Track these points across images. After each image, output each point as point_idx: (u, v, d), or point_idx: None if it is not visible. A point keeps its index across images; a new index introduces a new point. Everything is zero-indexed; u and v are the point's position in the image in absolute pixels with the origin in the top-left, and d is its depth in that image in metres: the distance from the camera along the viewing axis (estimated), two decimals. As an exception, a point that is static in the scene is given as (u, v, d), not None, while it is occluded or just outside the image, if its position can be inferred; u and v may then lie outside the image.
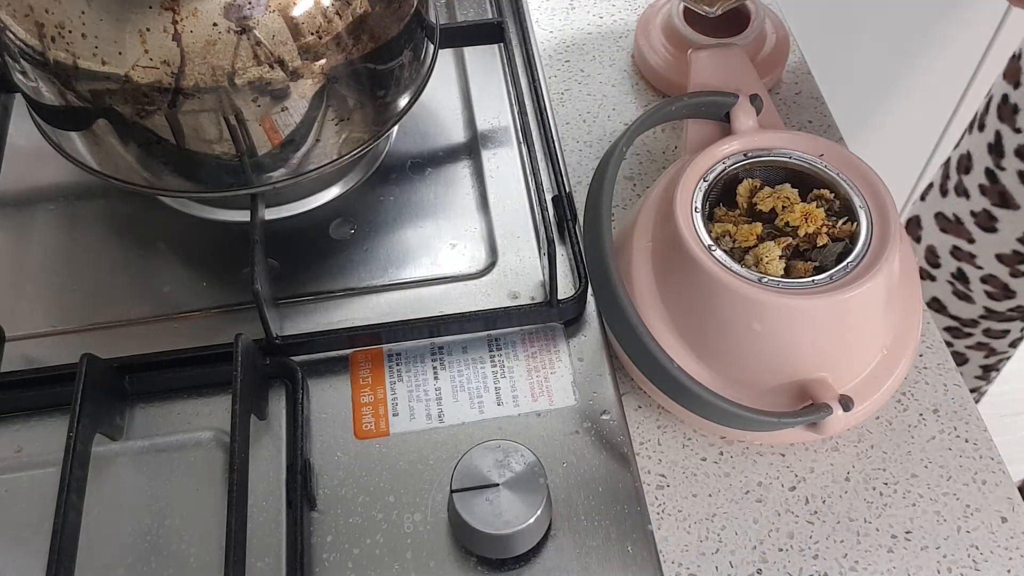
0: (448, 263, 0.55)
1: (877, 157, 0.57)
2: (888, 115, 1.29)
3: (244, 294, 0.50)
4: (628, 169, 0.62)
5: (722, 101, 0.50)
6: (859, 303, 0.44)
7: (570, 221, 0.54)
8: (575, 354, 0.51)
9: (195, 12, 0.42)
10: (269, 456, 0.47)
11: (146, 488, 0.47)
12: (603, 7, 0.72)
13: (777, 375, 0.45)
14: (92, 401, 0.45)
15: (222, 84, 0.44)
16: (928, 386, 0.52)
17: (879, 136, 1.31)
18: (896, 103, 1.28)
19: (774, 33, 0.66)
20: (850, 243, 0.45)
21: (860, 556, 0.46)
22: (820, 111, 0.66)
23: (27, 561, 0.44)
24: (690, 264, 0.44)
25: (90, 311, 0.53)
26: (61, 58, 0.44)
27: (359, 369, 0.51)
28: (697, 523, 0.47)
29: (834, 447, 0.50)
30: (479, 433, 0.48)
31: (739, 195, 0.48)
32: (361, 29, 0.47)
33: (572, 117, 0.65)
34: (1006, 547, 0.46)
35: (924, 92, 1.26)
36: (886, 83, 1.25)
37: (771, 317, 0.44)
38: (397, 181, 0.59)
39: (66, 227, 0.57)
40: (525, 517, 0.41)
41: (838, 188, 0.47)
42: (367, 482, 0.47)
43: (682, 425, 0.50)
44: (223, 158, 0.48)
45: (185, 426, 0.49)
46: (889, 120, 1.30)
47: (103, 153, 0.49)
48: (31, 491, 0.46)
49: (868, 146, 1.31)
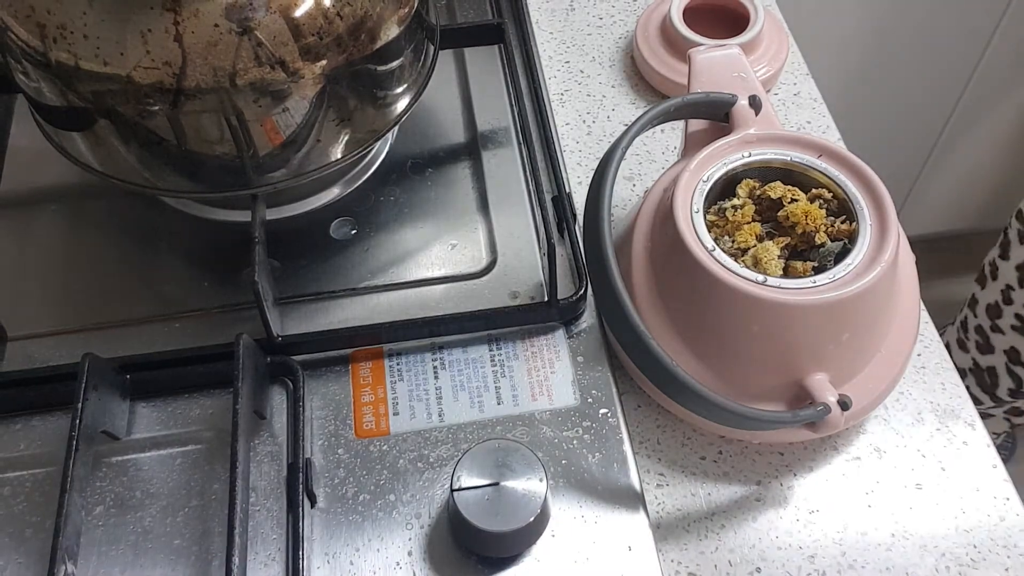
0: (448, 263, 0.55)
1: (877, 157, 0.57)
2: (888, 115, 1.29)
3: (245, 294, 0.50)
4: (628, 169, 0.62)
5: (721, 101, 0.50)
6: (858, 303, 0.44)
7: (570, 221, 0.54)
8: (575, 354, 0.52)
9: (196, 13, 0.43)
10: (270, 455, 0.48)
11: (147, 487, 0.47)
12: (603, 8, 0.73)
13: (776, 375, 0.46)
14: (93, 400, 0.46)
15: (223, 85, 0.44)
16: (926, 385, 0.52)
17: (879, 136, 1.31)
18: (896, 103, 1.28)
19: (773, 34, 0.66)
20: (849, 243, 0.46)
21: (858, 555, 0.46)
22: (819, 111, 0.66)
23: (28, 560, 0.44)
24: (691, 265, 0.44)
25: (92, 311, 0.54)
26: (63, 59, 0.44)
27: (359, 368, 0.51)
28: (696, 522, 0.47)
29: (833, 446, 0.50)
30: (479, 432, 0.49)
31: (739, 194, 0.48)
32: (361, 30, 0.47)
33: (572, 117, 0.65)
34: (1004, 546, 0.47)
35: (923, 92, 1.27)
36: (885, 83, 1.25)
37: (772, 317, 0.44)
38: (397, 181, 0.59)
39: (68, 227, 0.58)
40: (525, 517, 0.41)
41: (837, 188, 0.47)
42: (367, 481, 0.47)
43: (681, 424, 0.51)
44: (224, 158, 0.48)
45: (186, 425, 0.49)
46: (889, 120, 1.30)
47: (105, 153, 0.49)
48: (32, 490, 0.47)
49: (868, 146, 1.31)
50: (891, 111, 1.29)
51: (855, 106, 1.26)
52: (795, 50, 0.69)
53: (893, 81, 1.25)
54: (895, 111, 1.29)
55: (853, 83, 1.23)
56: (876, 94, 1.26)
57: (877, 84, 1.25)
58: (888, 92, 1.27)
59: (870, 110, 1.28)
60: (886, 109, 1.29)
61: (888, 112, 1.29)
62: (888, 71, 1.23)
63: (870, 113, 1.28)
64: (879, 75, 1.23)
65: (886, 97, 1.27)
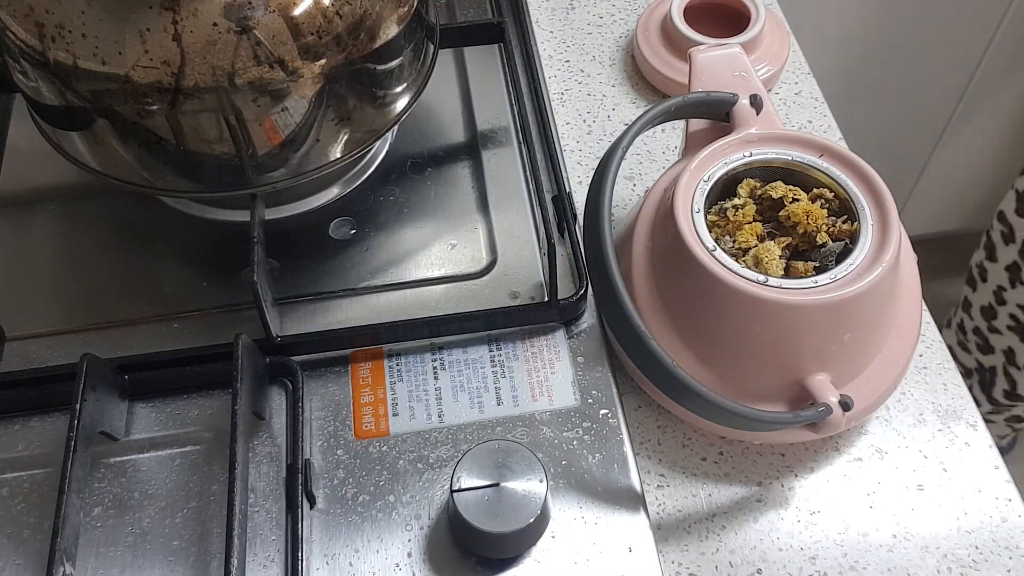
0: (448, 263, 0.55)
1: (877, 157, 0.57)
2: (889, 115, 1.29)
3: (244, 294, 0.50)
4: (628, 169, 0.62)
5: (722, 100, 0.50)
6: (860, 303, 0.44)
7: (570, 221, 0.54)
8: (575, 354, 0.51)
9: (195, 12, 0.42)
10: (269, 456, 0.47)
11: (146, 488, 0.47)
12: (603, 7, 0.72)
13: (777, 375, 0.45)
14: (92, 401, 0.46)
15: (222, 84, 0.44)
16: (928, 385, 0.52)
17: (880, 136, 1.31)
18: (897, 103, 1.28)
19: (774, 33, 0.66)
20: (850, 243, 0.45)
21: (860, 556, 0.46)
22: (820, 111, 0.66)
23: (26, 561, 0.44)
24: (691, 265, 0.44)
25: (90, 311, 0.53)
26: (61, 58, 0.44)
27: (359, 369, 0.51)
28: (697, 523, 0.47)
29: (834, 447, 0.50)
30: (479, 433, 0.48)
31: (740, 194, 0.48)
32: (361, 29, 0.47)
33: (572, 117, 0.65)
34: (1006, 547, 0.46)
35: (924, 91, 1.26)
36: (887, 82, 1.25)
37: (773, 318, 0.44)
38: (397, 181, 0.59)
39: (66, 227, 0.57)
40: (525, 517, 0.41)
41: (838, 188, 0.47)
42: (367, 482, 0.47)
43: (682, 425, 0.50)
44: (223, 158, 0.48)
45: (185, 426, 0.49)
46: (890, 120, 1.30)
47: (103, 153, 0.49)
48: (30, 491, 0.47)
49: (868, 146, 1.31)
50: (893, 110, 1.29)
51: (856, 105, 1.26)
52: (796, 49, 0.69)
53: (895, 80, 1.25)
54: (897, 110, 1.29)
55: (854, 82, 1.23)
56: (877, 93, 1.26)
57: (878, 83, 1.25)
58: (890, 91, 1.26)
59: (872, 109, 1.28)
60: (888, 108, 1.29)
61: (890, 111, 1.29)
62: (890, 70, 1.23)
63: (872, 112, 1.28)
64: (880, 74, 1.23)
65: (888, 96, 1.27)
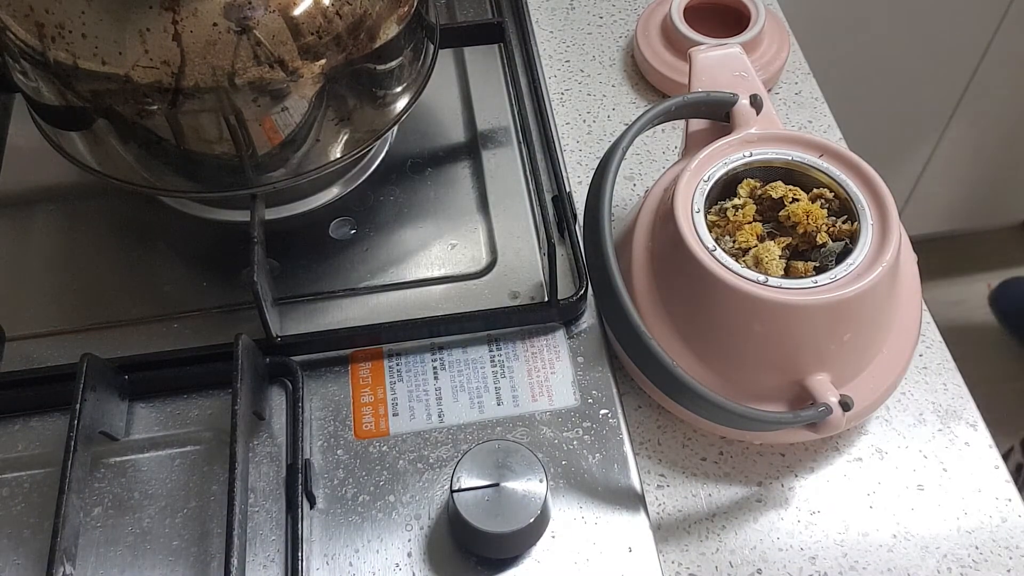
0: (448, 263, 0.55)
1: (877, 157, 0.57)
2: (889, 115, 1.29)
3: (244, 294, 0.50)
4: (628, 169, 0.62)
5: (722, 101, 0.50)
6: (860, 303, 0.44)
7: (570, 221, 0.54)
8: (575, 354, 0.51)
9: (195, 12, 0.42)
10: (269, 456, 0.47)
11: (146, 488, 0.47)
12: (603, 7, 0.72)
13: (777, 375, 0.45)
14: (92, 401, 0.46)
15: (222, 84, 0.44)
16: (928, 385, 0.52)
17: (880, 136, 1.31)
18: (897, 102, 1.28)
19: (774, 33, 0.66)
20: (850, 243, 0.45)
21: (860, 556, 0.46)
22: (820, 111, 0.66)
23: (26, 562, 0.44)
24: (692, 265, 0.44)
25: (90, 311, 0.53)
26: (61, 58, 0.44)
27: (359, 369, 0.51)
28: (697, 523, 0.47)
29: (834, 447, 0.50)
30: (479, 433, 0.48)
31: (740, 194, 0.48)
32: (361, 29, 0.47)
33: (572, 116, 0.65)
34: (1006, 547, 0.46)
35: (925, 91, 1.26)
36: (887, 82, 1.25)
37: (773, 317, 0.44)
38: (397, 181, 0.59)
39: (66, 227, 0.57)
40: (525, 517, 0.41)
41: (838, 188, 0.47)
42: (367, 482, 0.47)
43: (682, 425, 0.50)
44: (223, 158, 0.48)
45: (185, 426, 0.49)
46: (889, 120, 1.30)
47: (103, 153, 0.49)
48: (31, 491, 0.47)
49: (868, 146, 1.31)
50: (893, 110, 1.29)
51: (857, 105, 1.25)
52: (796, 49, 0.69)
53: (895, 80, 1.25)
54: (897, 110, 1.29)
55: (855, 82, 1.23)
56: (878, 93, 1.26)
57: (879, 83, 1.25)
58: (890, 91, 1.26)
59: (872, 109, 1.28)
60: (888, 108, 1.29)
61: (890, 111, 1.29)
62: (890, 70, 1.23)
63: (872, 112, 1.28)
64: (881, 74, 1.23)
65: (888, 96, 1.27)
